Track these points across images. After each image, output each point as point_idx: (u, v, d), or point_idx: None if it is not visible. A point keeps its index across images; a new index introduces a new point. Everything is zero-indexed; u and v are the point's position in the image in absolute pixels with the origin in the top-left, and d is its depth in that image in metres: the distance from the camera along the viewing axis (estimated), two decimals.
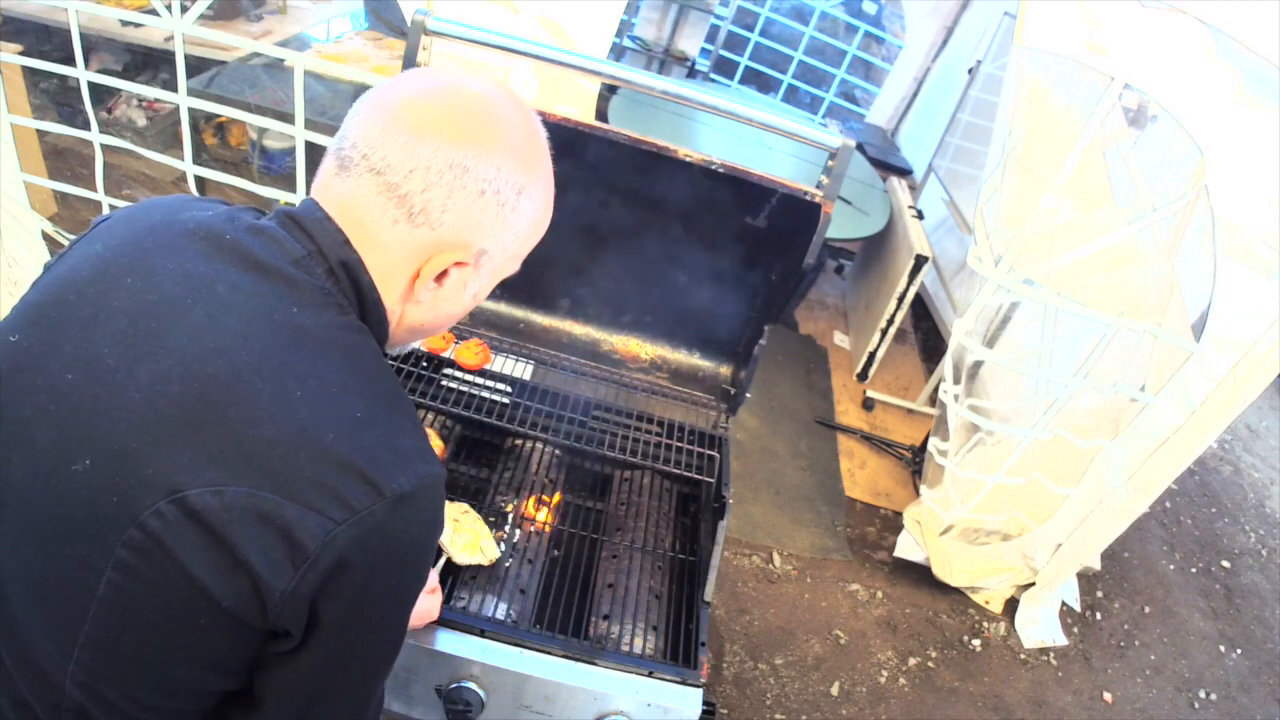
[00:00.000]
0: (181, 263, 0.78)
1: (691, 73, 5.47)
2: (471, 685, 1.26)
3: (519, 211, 0.85)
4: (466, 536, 1.51)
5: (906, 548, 3.04)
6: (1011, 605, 3.11)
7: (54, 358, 0.75)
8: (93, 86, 2.21)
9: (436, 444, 1.60)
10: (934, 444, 2.89)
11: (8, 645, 0.80)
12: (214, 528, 0.69)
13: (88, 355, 0.74)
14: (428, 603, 1.31)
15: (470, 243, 0.83)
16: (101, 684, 0.77)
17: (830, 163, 1.45)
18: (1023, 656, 2.98)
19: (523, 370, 1.80)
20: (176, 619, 0.74)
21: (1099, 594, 3.38)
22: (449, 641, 1.28)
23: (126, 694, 0.78)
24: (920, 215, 4.00)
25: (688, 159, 1.47)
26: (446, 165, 0.78)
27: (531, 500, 1.66)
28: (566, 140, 1.48)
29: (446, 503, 1.56)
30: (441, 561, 1.46)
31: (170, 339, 0.73)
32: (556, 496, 1.70)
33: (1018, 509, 2.87)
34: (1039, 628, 3.06)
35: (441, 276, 0.85)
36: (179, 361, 0.72)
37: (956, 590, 3.10)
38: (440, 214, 0.80)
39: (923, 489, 2.99)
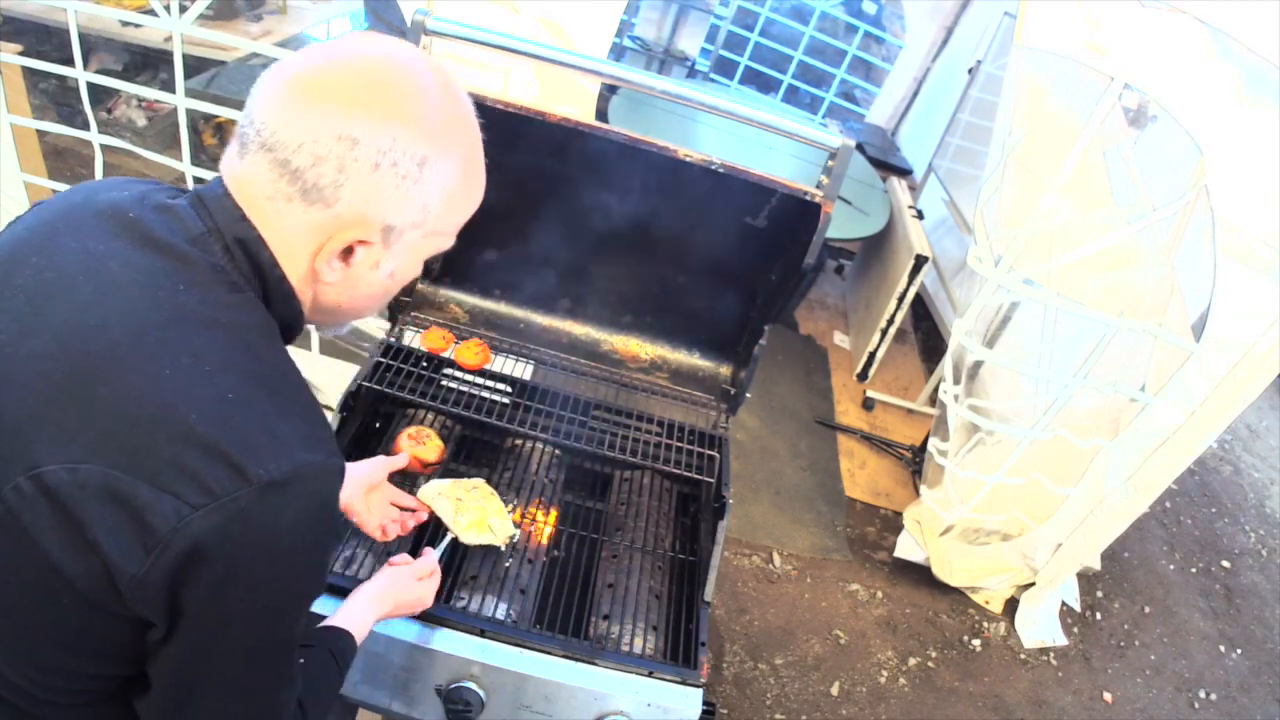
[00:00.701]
0: (84, 241, 0.77)
1: (691, 73, 5.47)
2: (471, 685, 1.26)
3: (424, 184, 0.80)
4: (472, 515, 1.43)
5: (906, 548, 3.04)
6: (1011, 605, 3.11)
7: None
8: (92, 87, 2.21)
9: (436, 444, 1.58)
10: (934, 444, 2.89)
11: None
12: (66, 506, 0.68)
13: None
14: (420, 590, 1.26)
15: (371, 219, 0.79)
16: None
17: (830, 163, 1.45)
18: (1023, 656, 2.98)
19: (523, 370, 1.80)
20: (36, 598, 0.72)
21: (1099, 594, 3.38)
22: (449, 641, 1.27)
23: (19, 672, 0.77)
24: (920, 215, 4.00)
25: (688, 159, 1.47)
26: (335, 137, 0.74)
27: (535, 511, 1.64)
28: (566, 140, 1.49)
29: (452, 480, 1.52)
30: (445, 542, 1.40)
31: (55, 316, 0.73)
32: (553, 514, 1.67)
33: (1018, 509, 2.87)
34: (1039, 628, 3.06)
35: (348, 255, 0.81)
36: (55, 338, 0.72)
37: (956, 590, 3.10)
38: (334, 190, 0.76)
39: (923, 489, 2.99)
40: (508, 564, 1.50)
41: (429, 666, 1.27)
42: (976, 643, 2.96)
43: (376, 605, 1.20)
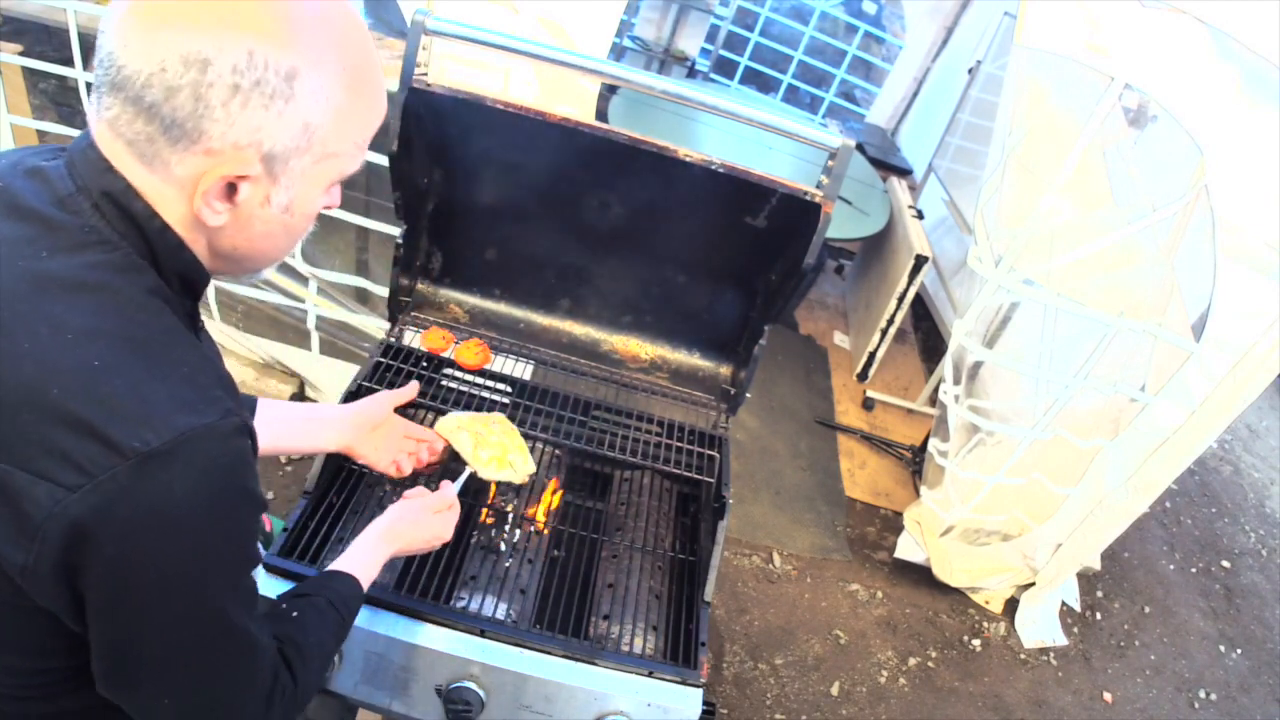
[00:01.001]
0: None
1: (691, 73, 5.47)
2: (471, 685, 1.26)
3: (299, 100, 0.70)
4: (492, 450, 1.39)
5: (906, 548, 3.04)
6: (1011, 605, 3.11)
7: None
8: (89, 87, 2.21)
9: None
10: (934, 444, 2.89)
11: None
12: None
13: None
14: (436, 524, 1.21)
15: (245, 149, 0.70)
16: None
17: (830, 163, 1.45)
18: (1023, 656, 2.98)
19: (523, 370, 1.80)
20: None
21: (1099, 594, 3.38)
22: (449, 641, 1.27)
23: None
24: (920, 215, 4.00)
25: (688, 159, 1.47)
26: (182, 63, 0.65)
27: (542, 496, 1.65)
28: (566, 140, 1.49)
29: (472, 413, 1.47)
30: (465, 475, 1.38)
31: None
32: (556, 497, 1.69)
33: (1018, 509, 2.87)
34: (1039, 628, 3.06)
35: (231, 194, 0.73)
36: None
37: (956, 590, 3.10)
38: (195, 122, 0.67)
39: (923, 489, 2.99)
40: (508, 564, 1.50)
41: (429, 666, 1.27)
42: (976, 643, 2.96)
43: (386, 543, 1.15)
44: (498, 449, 1.41)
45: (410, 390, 1.43)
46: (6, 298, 0.67)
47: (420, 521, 1.22)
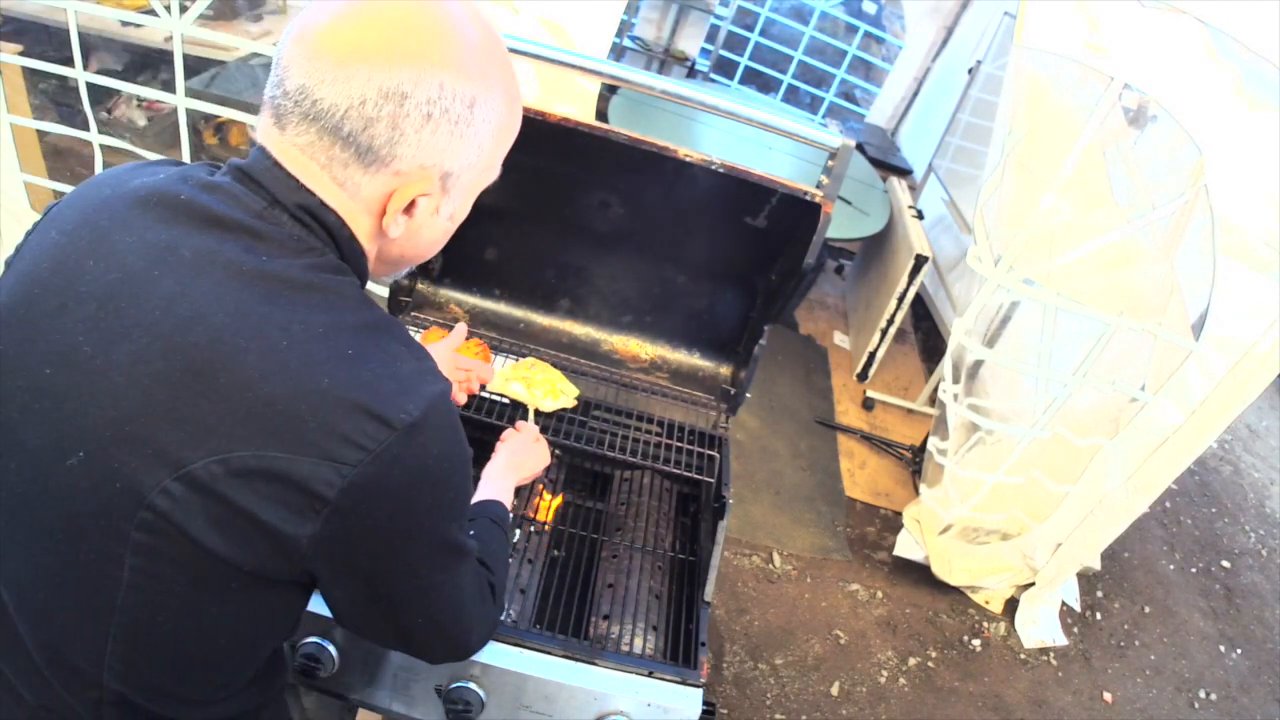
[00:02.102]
0: (140, 234, 0.75)
1: (691, 73, 5.47)
2: (471, 685, 1.26)
3: (476, 125, 0.78)
4: (543, 388, 1.60)
5: (905, 546, 3.04)
6: (1011, 605, 3.11)
7: (29, 356, 0.73)
8: (92, 87, 2.21)
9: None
10: (933, 443, 2.89)
11: (40, 650, 0.80)
12: (225, 496, 0.69)
13: (62, 347, 0.72)
14: (539, 450, 1.42)
15: (430, 170, 0.78)
16: (141, 671, 0.78)
17: (830, 163, 1.45)
18: (1023, 656, 2.98)
19: None
20: (205, 589, 0.74)
21: (1099, 594, 3.38)
22: None
23: (167, 675, 0.80)
24: (920, 215, 4.00)
25: (688, 159, 1.47)
26: (382, 96, 0.72)
27: (539, 499, 1.67)
28: (566, 140, 1.49)
29: (510, 363, 1.70)
30: (531, 415, 1.59)
31: (142, 315, 0.71)
32: (558, 499, 1.70)
33: (1017, 508, 2.87)
34: (1039, 628, 3.06)
35: (410, 208, 0.80)
36: (156, 337, 0.70)
37: (956, 590, 3.10)
38: (389, 148, 0.74)
39: (922, 488, 2.99)
40: (508, 564, 1.50)
41: (429, 666, 1.27)
42: (976, 643, 2.96)
43: (512, 473, 1.34)
44: (546, 385, 1.63)
45: (460, 331, 1.52)
46: (247, 301, 0.72)
47: (529, 451, 1.42)
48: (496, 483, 1.31)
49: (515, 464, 1.38)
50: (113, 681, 0.78)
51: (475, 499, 1.23)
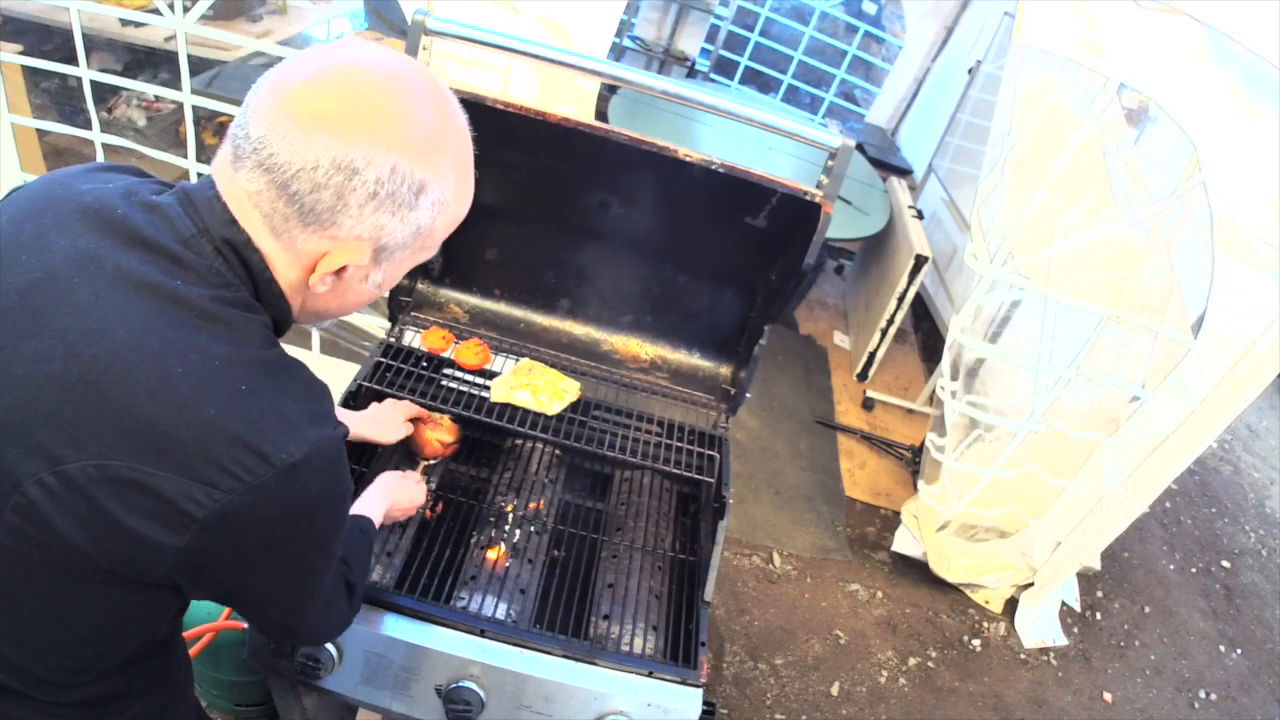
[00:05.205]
0: (74, 239, 0.78)
1: (691, 73, 5.47)
2: (471, 685, 1.26)
3: (419, 210, 0.81)
4: (545, 391, 1.63)
5: (903, 542, 3.04)
6: (1011, 605, 3.11)
7: None
8: (93, 86, 2.21)
9: (449, 426, 1.68)
10: (931, 440, 2.89)
11: None
12: (94, 498, 0.72)
13: None
14: (412, 487, 1.46)
15: (365, 243, 0.81)
16: (5, 647, 0.82)
17: (830, 163, 1.45)
18: (1023, 656, 2.98)
19: None
20: (62, 581, 0.78)
21: (1099, 594, 3.38)
22: (449, 641, 1.28)
23: (25, 653, 0.84)
24: (920, 215, 4.00)
25: (688, 159, 1.47)
26: (334, 166, 0.75)
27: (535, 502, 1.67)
28: (566, 140, 1.49)
29: (510, 370, 1.73)
30: (433, 462, 1.64)
31: (54, 319, 0.74)
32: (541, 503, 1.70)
33: (1014, 503, 2.87)
34: (1039, 627, 3.06)
35: (340, 271, 0.83)
36: (61, 341, 0.73)
37: (956, 590, 3.10)
38: (331, 215, 0.77)
39: (920, 484, 2.99)
40: (508, 564, 1.50)
41: (429, 666, 1.27)
42: (976, 643, 2.96)
43: (385, 497, 1.39)
44: (549, 388, 1.65)
45: (413, 409, 1.64)
46: (154, 324, 0.75)
47: (401, 484, 1.45)
48: (368, 499, 1.36)
49: (391, 489, 1.42)
50: None
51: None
